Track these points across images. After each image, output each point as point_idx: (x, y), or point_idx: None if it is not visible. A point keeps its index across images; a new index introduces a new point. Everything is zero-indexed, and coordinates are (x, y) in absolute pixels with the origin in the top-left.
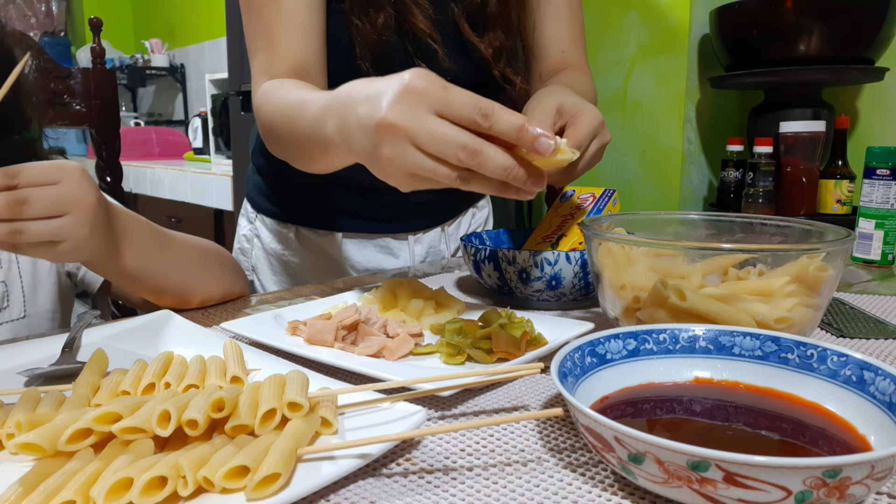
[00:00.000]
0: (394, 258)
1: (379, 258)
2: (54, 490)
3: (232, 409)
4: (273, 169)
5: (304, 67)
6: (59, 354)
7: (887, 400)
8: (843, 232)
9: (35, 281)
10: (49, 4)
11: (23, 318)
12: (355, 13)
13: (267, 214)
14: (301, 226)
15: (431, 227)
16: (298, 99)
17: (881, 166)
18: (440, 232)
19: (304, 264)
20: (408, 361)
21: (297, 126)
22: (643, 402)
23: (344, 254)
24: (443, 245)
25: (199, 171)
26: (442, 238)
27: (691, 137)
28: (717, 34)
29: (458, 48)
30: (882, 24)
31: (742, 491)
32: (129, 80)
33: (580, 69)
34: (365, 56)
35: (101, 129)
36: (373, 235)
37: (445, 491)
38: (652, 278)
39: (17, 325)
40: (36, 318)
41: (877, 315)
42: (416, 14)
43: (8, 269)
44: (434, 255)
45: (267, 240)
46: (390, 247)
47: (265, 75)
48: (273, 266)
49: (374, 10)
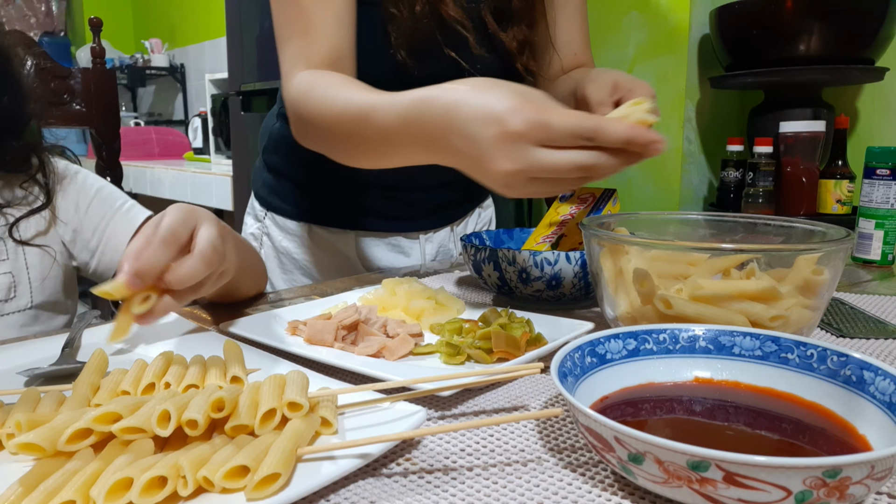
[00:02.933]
0: (405, 257)
1: (391, 256)
2: (54, 490)
3: (232, 409)
4: (290, 166)
5: (339, 57)
6: (59, 354)
7: (887, 400)
8: (843, 232)
9: (42, 272)
10: (49, 4)
11: (30, 308)
12: (392, 2)
13: (278, 213)
14: (316, 224)
15: (442, 226)
16: (361, 105)
17: (881, 166)
18: (449, 231)
19: (317, 262)
20: (408, 361)
21: (359, 134)
22: (643, 402)
23: (357, 252)
24: (452, 244)
25: (199, 171)
26: (451, 237)
27: (691, 137)
28: (717, 34)
29: (484, 40)
30: (882, 24)
31: (742, 491)
32: (129, 80)
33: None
34: (400, 45)
35: (101, 129)
36: (385, 234)
37: (445, 491)
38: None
39: (25, 314)
40: (43, 308)
41: (877, 315)
42: (448, 2)
43: (14, 261)
44: (444, 254)
45: (278, 238)
46: (402, 245)
47: (301, 63)
48: (283, 264)
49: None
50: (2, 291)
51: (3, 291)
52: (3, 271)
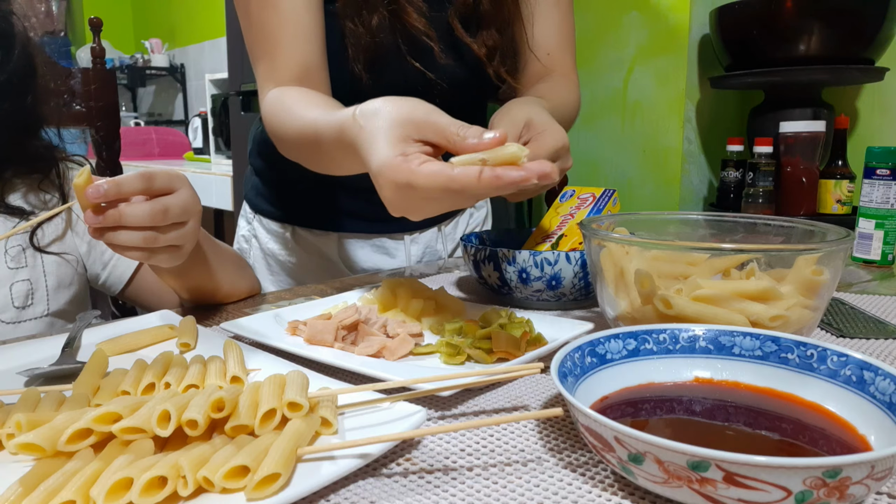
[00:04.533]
0: (390, 258)
1: (375, 258)
2: (54, 490)
3: (232, 409)
4: (271, 170)
5: (307, 70)
6: (59, 354)
7: (887, 400)
8: (843, 232)
9: (59, 281)
10: (49, 4)
11: (46, 315)
12: (348, 15)
13: (264, 215)
14: (298, 226)
15: (428, 226)
16: (311, 125)
17: (881, 166)
18: (437, 232)
19: (301, 265)
20: (408, 361)
21: (316, 151)
22: (643, 402)
23: (340, 254)
24: (440, 245)
25: (199, 171)
26: (439, 238)
27: (691, 137)
28: (717, 34)
29: (451, 48)
30: (882, 24)
31: (742, 491)
32: (129, 80)
33: (566, 76)
34: (358, 58)
35: (101, 129)
36: (369, 235)
37: (445, 491)
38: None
39: (41, 322)
40: (58, 316)
41: (877, 315)
42: (410, 12)
43: (32, 269)
44: (430, 255)
45: (264, 240)
46: (386, 247)
47: (270, 82)
48: (270, 266)
49: (368, 12)
50: (20, 299)
51: (21, 299)
52: (21, 278)
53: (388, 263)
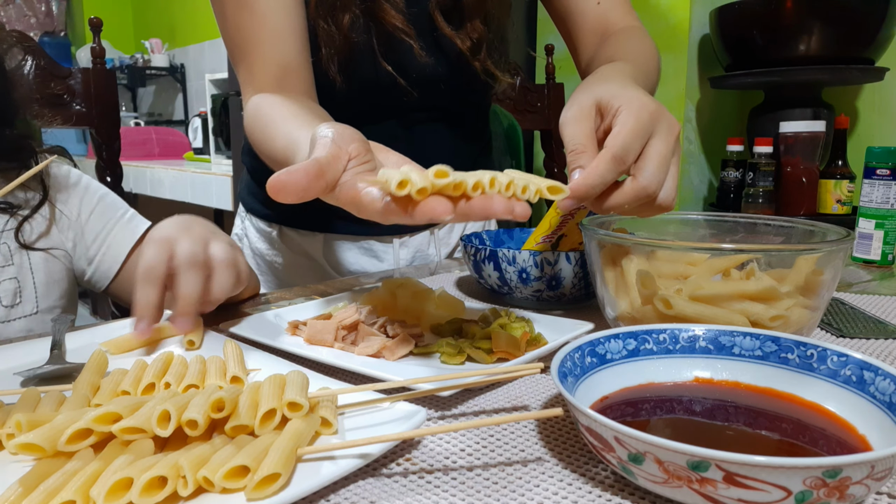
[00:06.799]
0: (378, 261)
1: (363, 260)
2: (54, 490)
3: (232, 409)
4: (259, 167)
5: (285, 72)
6: (48, 356)
7: (887, 400)
8: (843, 232)
9: (48, 279)
10: (49, 4)
11: (35, 313)
12: (321, 15)
13: (254, 214)
14: (285, 225)
15: (420, 230)
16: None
17: (881, 166)
18: (429, 235)
19: (287, 265)
20: (408, 361)
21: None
22: (643, 402)
23: (326, 255)
24: (431, 249)
25: (199, 171)
26: (431, 242)
27: (691, 137)
28: (717, 34)
29: (433, 43)
30: (882, 24)
31: (742, 491)
32: (129, 80)
33: (627, 23)
34: (332, 59)
35: (101, 129)
36: (356, 237)
37: (445, 491)
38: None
39: (30, 319)
40: (48, 314)
41: (877, 315)
42: (386, 9)
43: (19, 266)
44: (421, 259)
45: (254, 239)
46: (374, 249)
47: (249, 88)
48: (259, 266)
49: (341, 11)
50: (7, 297)
51: (9, 297)
52: (8, 277)
53: (376, 266)
